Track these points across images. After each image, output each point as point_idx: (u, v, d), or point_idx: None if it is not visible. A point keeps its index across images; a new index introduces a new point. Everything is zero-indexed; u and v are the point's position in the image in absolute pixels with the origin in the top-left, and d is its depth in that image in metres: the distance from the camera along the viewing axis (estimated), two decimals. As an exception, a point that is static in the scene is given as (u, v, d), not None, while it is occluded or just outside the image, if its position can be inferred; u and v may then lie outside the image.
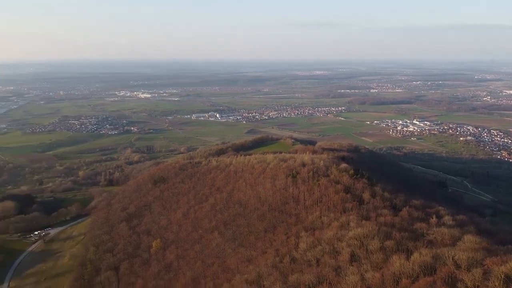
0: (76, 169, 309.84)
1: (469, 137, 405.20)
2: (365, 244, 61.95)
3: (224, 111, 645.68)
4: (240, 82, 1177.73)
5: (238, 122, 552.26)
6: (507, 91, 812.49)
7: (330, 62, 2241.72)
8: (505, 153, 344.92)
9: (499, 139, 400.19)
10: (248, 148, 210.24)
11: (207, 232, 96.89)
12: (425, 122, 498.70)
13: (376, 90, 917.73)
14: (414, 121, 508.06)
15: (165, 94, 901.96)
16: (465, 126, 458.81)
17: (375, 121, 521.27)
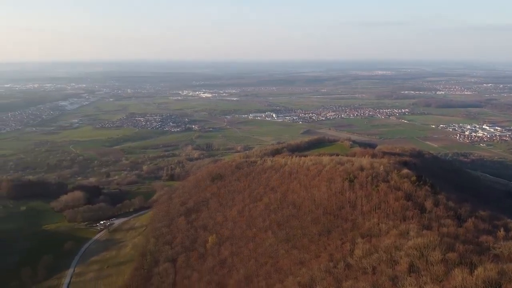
0: (141, 163, 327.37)
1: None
2: (425, 254, 59.00)
3: (280, 111, 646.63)
4: (298, 82, 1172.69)
5: (294, 122, 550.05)
6: None
7: (393, 62, 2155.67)
8: None
9: None
10: (304, 149, 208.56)
11: (261, 231, 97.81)
12: (496, 128, 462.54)
13: (443, 92, 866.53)
14: (484, 126, 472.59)
15: (224, 94, 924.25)
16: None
17: (441, 125, 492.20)
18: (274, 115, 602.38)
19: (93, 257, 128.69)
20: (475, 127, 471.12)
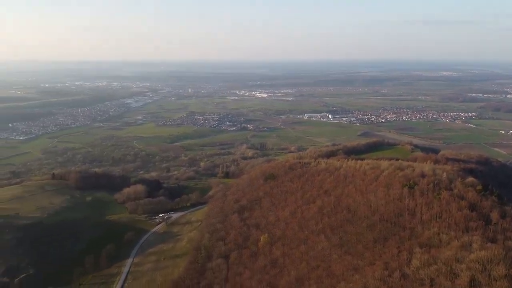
0: (198, 160, 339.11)
1: None
2: (488, 269, 55.39)
3: (337, 112, 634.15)
4: (356, 82, 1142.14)
5: (351, 124, 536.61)
6: None
7: (459, 62, 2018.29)
8: None
9: None
10: (361, 152, 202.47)
11: (313, 234, 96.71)
12: None
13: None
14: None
15: (280, 94, 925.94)
16: None
17: (511, 131, 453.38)
18: (330, 116, 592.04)
19: (151, 248, 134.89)
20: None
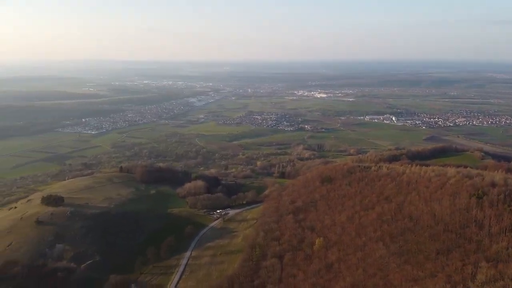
0: (255, 159, 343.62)
1: None
2: None
3: (401, 114, 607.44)
4: (422, 83, 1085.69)
5: (417, 127, 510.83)
6: None
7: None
8: None
9: None
10: (426, 157, 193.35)
11: (371, 241, 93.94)
12: None
13: None
14: None
15: (340, 94, 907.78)
16: None
17: None
18: (393, 118, 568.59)
19: (208, 243, 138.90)
20: None
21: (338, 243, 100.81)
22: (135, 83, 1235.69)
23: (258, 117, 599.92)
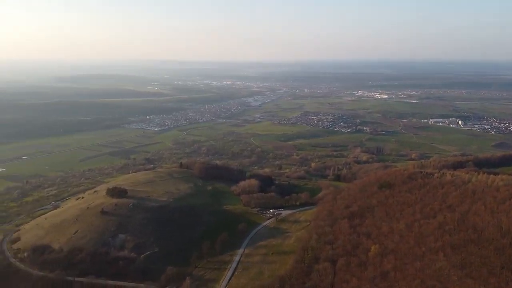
0: (309, 160, 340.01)
1: None
2: None
3: (468, 118, 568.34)
4: (493, 85, 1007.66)
5: (485, 132, 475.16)
6: None
7: None
8: None
9: None
10: (494, 165, 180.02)
11: (431, 252, 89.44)
12: None
13: None
14: None
15: (402, 95, 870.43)
16: None
17: None
18: (460, 122, 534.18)
19: (261, 241, 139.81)
20: None
21: (395, 251, 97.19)
22: (196, 82, 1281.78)
23: (314, 117, 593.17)
